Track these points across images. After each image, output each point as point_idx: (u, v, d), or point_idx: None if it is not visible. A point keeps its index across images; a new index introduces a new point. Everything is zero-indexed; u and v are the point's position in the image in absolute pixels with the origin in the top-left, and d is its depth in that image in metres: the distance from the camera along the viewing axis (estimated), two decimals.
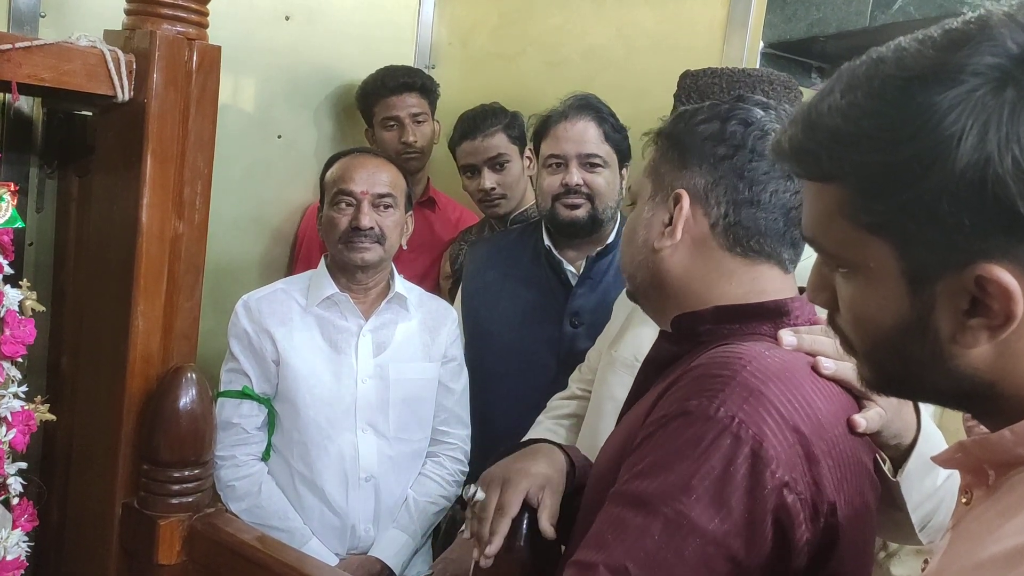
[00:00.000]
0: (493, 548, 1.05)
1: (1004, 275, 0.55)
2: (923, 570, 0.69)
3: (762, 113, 0.99)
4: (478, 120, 2.21)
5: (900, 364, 0.64)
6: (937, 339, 0.60)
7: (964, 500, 0.66)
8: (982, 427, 0.64)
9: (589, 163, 1.81)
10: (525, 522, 1.07)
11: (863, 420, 0.89)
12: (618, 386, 1.46)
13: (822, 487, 0.82)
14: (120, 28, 1.46)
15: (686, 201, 0.97)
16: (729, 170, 0.97)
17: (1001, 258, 0.55)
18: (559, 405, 1.73)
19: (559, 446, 1.18)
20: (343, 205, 1.76)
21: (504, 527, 1.06)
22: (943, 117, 0.55)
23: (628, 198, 1.11)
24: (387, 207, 1.77)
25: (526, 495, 1.08)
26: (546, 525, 1.06)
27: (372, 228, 1.74)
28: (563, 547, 1.10)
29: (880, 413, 0.92)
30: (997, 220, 0.54)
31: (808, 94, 2.55)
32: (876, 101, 0.59)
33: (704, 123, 0.99)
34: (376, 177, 1.78)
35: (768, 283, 0.98)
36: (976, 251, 0.56)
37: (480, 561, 1.06)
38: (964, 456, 0.65)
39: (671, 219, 0.99)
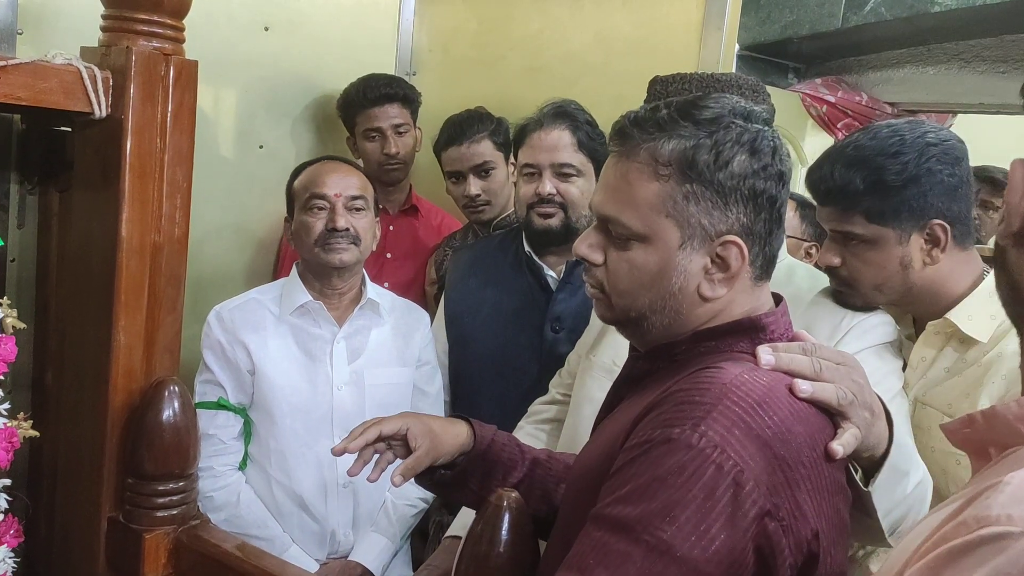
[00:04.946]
0: (351, 445, 1.20)
1: None
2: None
3: (773, 131, 0.97)
4: (464, 126, 2.21)
5: None
6: None
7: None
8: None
9: (562, 172, 1.83)
10: (505, 523, 1.07)
11: (840, 448, 0.88)
12: (597, 390, 1.47)
13: (804, 513, 0.83)
14: (97, 44, 1.47)
15: (746, 249, 0.93)
16: (768, 203, 0.94)
17: None
18: (540, 410, 1.75)
19: (468, 421, 1.26)
20: (316, 209, 1.78)
21: (371, 433, 1.20)
22: None
23: (624, 234, 0.97)
24: (359, 209, 1.80)
25: (405, 431, 1.21)
26: (397, 475, 1.18)
27: (347, 229, 1.76)
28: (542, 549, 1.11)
29: (855, 434, 0.91)
30: None
31: (783, 95, 2.58)
32: None
33: (736, 157, 0.93)
34: (347, 180, 1.81)
35: (766, 298, 1.00)
36: None
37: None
38: (972, 431, 0.66)
39: (719, 264, 0.94)
